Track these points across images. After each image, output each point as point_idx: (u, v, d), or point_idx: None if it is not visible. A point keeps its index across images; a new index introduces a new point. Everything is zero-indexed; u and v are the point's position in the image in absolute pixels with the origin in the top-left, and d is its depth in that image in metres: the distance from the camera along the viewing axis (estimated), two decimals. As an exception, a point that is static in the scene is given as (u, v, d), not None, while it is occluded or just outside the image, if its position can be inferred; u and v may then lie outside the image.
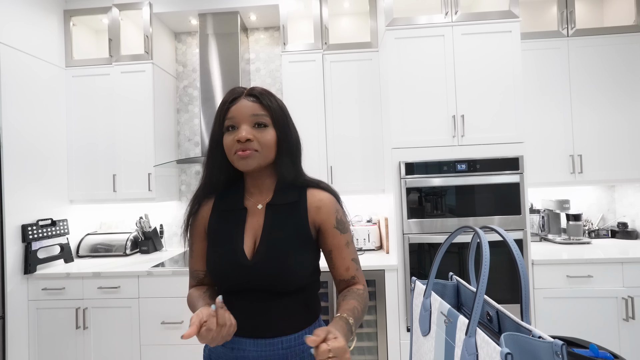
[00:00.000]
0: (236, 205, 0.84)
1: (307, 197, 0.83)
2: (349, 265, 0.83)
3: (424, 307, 0.69)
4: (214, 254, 0.82)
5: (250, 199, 0.85)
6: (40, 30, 2.25)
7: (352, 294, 0.81)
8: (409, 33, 2.03)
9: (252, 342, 0.79)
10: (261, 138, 0.77)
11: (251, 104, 0.78)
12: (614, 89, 2.26)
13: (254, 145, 0.76)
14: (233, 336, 0.79)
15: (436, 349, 0.63)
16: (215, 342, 0.64)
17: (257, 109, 0.78)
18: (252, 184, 0.85)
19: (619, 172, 2.24)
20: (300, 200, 0.83)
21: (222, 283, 0.81)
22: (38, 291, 2.07)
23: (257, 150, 0.77)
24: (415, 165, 1.99)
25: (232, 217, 0.83)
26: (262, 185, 0.84)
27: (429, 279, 0.74)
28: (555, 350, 0.43)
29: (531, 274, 1.95)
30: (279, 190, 0.84)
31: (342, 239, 0.83)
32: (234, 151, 0.77)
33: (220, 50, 2.44)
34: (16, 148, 2.03)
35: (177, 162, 2.32)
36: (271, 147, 0.79)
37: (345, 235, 0.83)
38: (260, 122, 0.78)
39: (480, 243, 0.55)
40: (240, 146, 0.76)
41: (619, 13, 2.39)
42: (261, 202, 0.84)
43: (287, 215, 0.82)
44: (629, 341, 1.90)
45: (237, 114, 0.78)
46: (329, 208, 0.83)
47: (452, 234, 0.68)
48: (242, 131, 0.76)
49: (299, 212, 0.82)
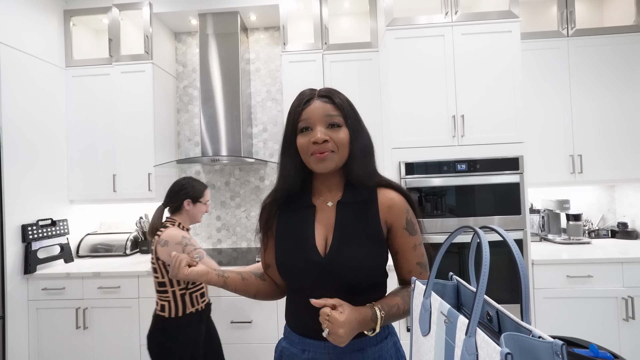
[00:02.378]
0: (305, 203, 0.84)
1: (378, 196, 0.83)
2: (412, 269, 0.82)
3: (424, 307, 0.69)
4: (283, 251, 0.82)
5: (319, 197, 0.85)
6: (40, 30, 2.25)
7: (403, 291, 0.81)
8: (409, 33, 2.03)
9: (323, 345, 0.78)
10: (336, 138, 0.77)
11: (324, 105, 0.79)
12: (614, 89, 2.26)
13: (330, 146, 0.77)
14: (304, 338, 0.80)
15: (436, 349, 0.63)
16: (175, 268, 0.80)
17: (330, 110, 0.79)
18: (321, 182, 0.85)
19: (619, 172, 2.23)
20: (371, 199, 0.82)
21: (293, 280, 0.81)
22: (38, 291, 2.07)
23: (333, 150, 0.77)
24: (416, 165, 1.99)
25: (301, 214, 0.83)
26: (332, 184, 0.84)
27: (428, 279, 0.74)
28: (555, 350, 0.43)
29: (531, 274, 1.95)
30: (349, 189, 0.83)
31: (410, 241, 0.82)
32: (310, 152, 0.77)
33: (220, 50, 2.44)
34: (16, 148, 2.03)
35: (177, 162, 2.32)
36: (345, 147, 0.79)
37: (413, 237, 0.82)
38: (334, 123, 0.78)
39: (480, 243, 0.55)
40: (317, 147, 0.76)
41: (619, 13, 2.39)
42: (330, 200, 0.83)
43: (359, 213, 0.81)
44: (629, 341, 1.90)
45: (311, 115, 0.78)
46: (400, 208, 0.82)
47: (452, 234, 0.68)
48: (317, 132, 0.76)
49: (371, 211, 0.81)
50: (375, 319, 0.71)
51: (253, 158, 2.31)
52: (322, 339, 0.77)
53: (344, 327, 0.66)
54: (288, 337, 0.85)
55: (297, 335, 0.82)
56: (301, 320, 0.82)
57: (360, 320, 0.69)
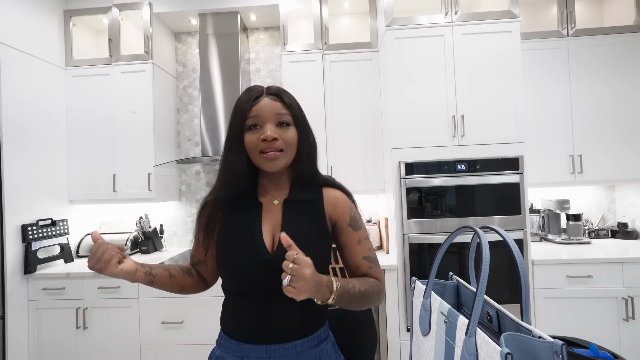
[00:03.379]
0: (251, 201, 0.83)
1: (324, 194, 0.85)
2: (359, 264, 0.82)
3: (424, 307, 0.69)
4: (229, 249, 0.79)
5: (265, 194, 0.85)
6: (40, 30, 2.25)
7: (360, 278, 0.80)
8: (409, 33, 2.03)
9: (264, 349, 0.76)
10: (285, 137, 0.78)
11: (274, 103, 0.78)
12: (614, 89, 2.26)
13: (279, 144, 0.77)
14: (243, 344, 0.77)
15: (436, 349, 0.63)
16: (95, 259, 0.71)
17: (280, 108, 0.78)
18: (268, 180, 0.84)
19: (619, 172, 2.23)
20: (317, 197, 0.84)
21: (238, 280, 0.79)
22: (38, 291, 2.07)
23: (283, 149, 0.78)
24: (415, 165, 1.99)
25: (247, 213, 0.82)
26: (279, 182, 0.84)
27: (429, 279, 0.74)
28: (555, 350, 0.43)
29: (531, 274, 1.95)
30: (296, 188, 0.84)
31: (355, 236, 0.83)
32: (259, 150, 0.77)
33: (220, 50, 2.44)
34: (16, 148, 2.03)
35: (177, 162, 2.32)
36: (294, 146, 0.80)
37: (357, 232, 0.83)
38: (284, 121, 0.78)
39: (480, 243, 0.55)
40: (266, 145, 0.76)
41: (619, 13, 2.39)
42: (277, 199, 0.84)
43: (306, 210, 0.82)
44: (629, 341, 1.90)
45: (260, 112, 0.77)
46: (345, 206, 0.84)
47: (452, 234, 0.68)
48: (267, 130, 0.76)
49: (317, 209, 0.83)
50: (331, 286, 0.69)
51: (253, 158, 2.31)
52: (262, 343, 0.76)
53: (311, 268, 0.64)
54: (223, 345, 0.81)
55: (235, 341, 0.79)
56: (241, 323, 0.79)
57: (319, 279, 0.66)
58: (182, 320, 2.01)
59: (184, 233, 2.71)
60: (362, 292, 0.75)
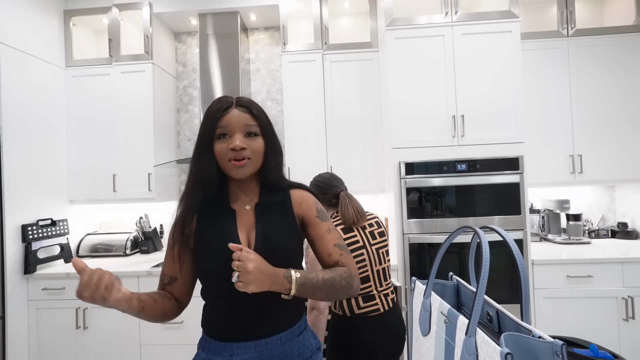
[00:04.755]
0: (223, 207, 0.87)
1: (291, 195, 0.91)
2: (331, 251, 0.87)
3: (424, 307, 0.69)
4: (209, 254, 0.83)
5: (236, 200, 0.89)
6: (40, 30, 2.25)
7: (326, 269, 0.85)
8: (409, 33, 2.03)
9: (252, 345, 0.81)
10: (253, 146, 0.82)
11: (243, 115, 0.83)
12: (614, 89, 2.26)
13: (247, 153, 0.82)
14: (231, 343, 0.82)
15: (436, 349, 0.63)
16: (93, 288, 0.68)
17: (248, 120, 0.83)
18: (237, 187, 0.89)
19: (619, 172, 2.24)
20: (285, 199, 0.90)
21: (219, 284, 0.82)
22: (38, 291, 2.07)
23: (250, 157, 0.82)
24: (415, 165, 1.99)
25: (221, 219, 0.86)
26: (248, 189, 0.89)
27: (429, 279, 0.74)
28: (555, 350, 0.43)
29: (531, 274, 1.95)
30: (264, 192, 0.89)
31: (324, 226, 0.89)
32: (228, 159, 0.81)
33: (220, 50, 2.44)
34: (16, 148, 2.03)
35: (177, 162, 2.32)
36: (261, 155, 0.85)
37: (326, 222, 0.90)
38: (252, 132, 0.83)
39: (480, 243, 0.55)
40: (235, 154, 0.80)
41: (619, 13, 2.39)
42: (248, 204, 0.89)
43: (276, 212, 0.88)
44: (629, 341, 1.90)
45: (230, 122, 0.82)
46: (310, 201, 0.91)
47: (452, 234, 0.68)
48: (236, 140, 0.80)
49: (286, 209, 0.89)
50: (289, 277, 0.74)
51: (253, 158, 2.31)
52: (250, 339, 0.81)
53: (253, 262, 0.70)
54: (208, 347, 0.85)
55: (222, 342, 0.83)
56: (226, 324, 0.83)
57: (270, 270, 0.72)
58: (182, 320, 2.01)
59: (184, 233, 2.71)
60: (327, 280, 0.79)
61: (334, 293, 0.81)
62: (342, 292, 0.82)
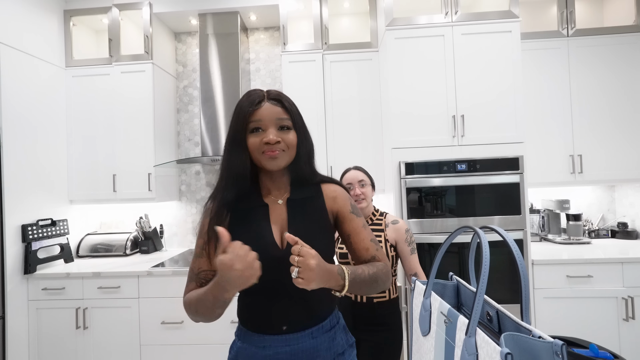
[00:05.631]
0: (256, 203, 0.88)
1: (323, 190, 0.91)
2: (368, 246, 0.87)
3: (424, 307, 0.69)
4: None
5: (268, 195, 0.89)
6: (40, 30, 2.25)
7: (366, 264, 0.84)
8: (409, 33, 2.03)
9: (283, 338, 0.82)
10: (286, 139, 0.83)
11: (275, 108, 0.83)
12: (614, 89, 2.26)
13: (281, 146, 0.82)
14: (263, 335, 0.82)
15: (436, 349, 0.63)
16: (247, 264, 0.66)
17: (280, 113, 0.83)
18: (270, 182, 0.89)
19: (619, 172, 2.23)
20: (317, 194, 0.90)
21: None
22: (38, 291, 2.07)
23: (284, 150, 0.83)
24: (415, 165, 1.99)
25: (255, 214, 0.87)
26: (280, 183, 0.89)
27: (429, 279, 0.74)
28: (555, 350, 0.43)
29: (531, 274, 1.95)
30: (296, 187, 0.89)
31: (359, 222, 0.89)
32: (262, 152, 0.82)
33: (220, 50, 2.44)
34: (16, 148, 2.03)
35: (177, 162, 2.32)
36: (294, 148, 0.85)
37: (360, 218, 0.90)
38: (284, 125, 0.83)
39: (480, 243, 0.55)
40: (269, 147, 0.81)
41: (619, 13, 2.39)
42: (280, 198, 0.89)
43: (308, 207, 0.88)
44: (629, 341, 1.90)
45: (262, 117, 0.82)
46: (344, 197, 0.91)
47: (452, 234, 0.68)
48: (270, 134, 0.81)
49: (318, 204, 0.89)
50: (342, 273, 0.74)
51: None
52: (281, 333, 0.82)
53: (315, 258, 0.69)
54: (244, 337, 0.86)
55: (256, 334, 0.84)
56: (260, 318, 0.84)
57: (327, 267, 0.72)
58: (182, 320, 2.01)
59: (184, 233, 2.71)
60: (372, 276, 0.80)
61: (376, 287, 0.82)
62: (382, 286, 0.84)
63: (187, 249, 2.66)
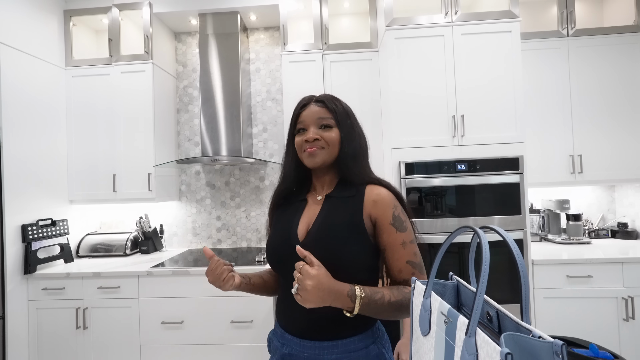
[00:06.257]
0: (299, 197, 0.93)
1: (366, 191, 0.85)
2: (401, 268, 0.80)
3: (423, 307, 0.69)
4: (271, 237, 0.92)
5: (314, 192, 0.94)
6: (40, 30, 2.25)
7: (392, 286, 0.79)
8: (409, 33, 2.03)
9: (299, 342, 0.82)
10: (326, 137, 0.86)
11: (318, 109, 0.89)
12: (614, 89, 2.26)
13: (321, 143, 0.86)
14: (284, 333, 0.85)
15: (436, 349, 0.63)
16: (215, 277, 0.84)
17: (322, 113, 0.88)
18: (316, 179, 0.94)
19: (619, 172, 2.23)
20: (358, 194, 0.85)
21: (273, 264, 0.89)
22: (38, 291, 2.07)
23: (324, 147, 0.86)
24: (415, 165, 1.99)
25: (293, 207, 0.92)
26: (325, 181, 0.92)
27: (428, 279, 0.74)
28: (555, 350, 0.43)
29: (531, 274, 1.95)
30: (340, 185, 0.90)
31: (398, 238, 0.81)
32: (303, 149, 0.87)
33: (220, 50, 2.44)
34: (16, 148, 2.03)
35: (177, 162, 2.32)
36: (335, 145, 0.87)
37: (401, 234, 0.81)
38: (325, 124, 0.87)
39: (480, 243, 0.55)
40: (308, 145, 0.86)
41: (619, 13, 2.39)
42: (321, 195, 0.91)
43: (343, 206, 0.85)
44: (629, 341, 1.90)
45: (305, 117, 0.89)
46: (386, 203, 0.83)
47: (452, 234, 0.68)
48: (309, 132, 0.87)
49: (355, 204, 0.84)
50: (353, 295, 0.71)
51: (253, 158, 2.31)
52: (299, 336, 0.81)
53: (312, 280, 0.68)
54: (275, 329, 0.91)
55: (280, 329, 0.87)
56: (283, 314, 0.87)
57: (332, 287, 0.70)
58: (182, 320, 2.01)
59: (183, 233, 2.71)
60: (393, 303, 0.74)
61: (397, 315, 0.77)
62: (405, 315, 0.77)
63: (187, 249, 2.66)
